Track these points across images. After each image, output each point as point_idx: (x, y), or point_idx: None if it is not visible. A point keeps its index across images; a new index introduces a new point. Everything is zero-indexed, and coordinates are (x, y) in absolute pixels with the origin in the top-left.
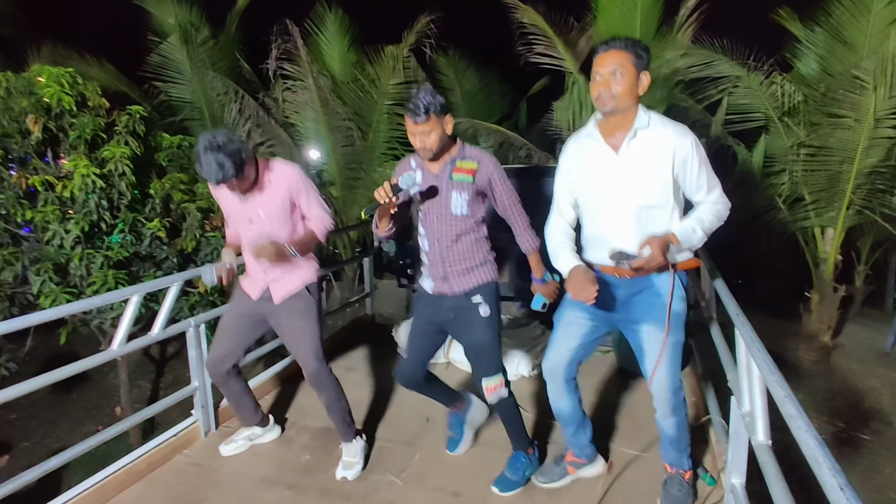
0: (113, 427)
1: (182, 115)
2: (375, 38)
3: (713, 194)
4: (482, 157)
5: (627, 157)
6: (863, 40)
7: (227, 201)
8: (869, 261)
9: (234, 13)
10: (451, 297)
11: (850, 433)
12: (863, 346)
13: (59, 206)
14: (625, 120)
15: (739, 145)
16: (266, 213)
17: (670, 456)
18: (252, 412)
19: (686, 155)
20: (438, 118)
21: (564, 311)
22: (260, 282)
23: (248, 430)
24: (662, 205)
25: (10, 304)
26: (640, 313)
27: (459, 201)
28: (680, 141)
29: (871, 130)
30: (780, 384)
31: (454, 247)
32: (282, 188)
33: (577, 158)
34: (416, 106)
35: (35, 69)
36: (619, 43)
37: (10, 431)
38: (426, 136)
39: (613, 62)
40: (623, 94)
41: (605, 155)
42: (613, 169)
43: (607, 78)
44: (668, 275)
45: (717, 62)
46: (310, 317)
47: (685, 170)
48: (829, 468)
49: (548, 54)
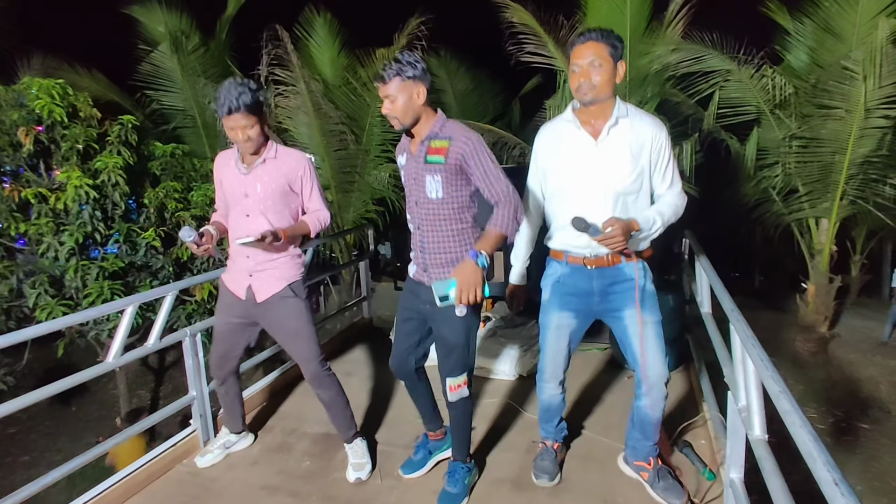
0: (112, 439)
1: (174, 124)
2: (366, 41)
3: (674, 189)
4: (455, 134)
5: (607, 145)
6: (851, 31)
7: (227, 173)
8: (864, 250)
9: (224, 20)
10: (428, 288)
11: (849, 422)
12: (860, 336)
13: (53, 219)
14: (603, 109)
15: (732, 139)
16: (263, 189)
17: (646, 448)
18: (239, 418)
19: (661, 146)
20: (405, 84)
21: (550, 315)
22: (242, 276)
23: (223, 439)
24: (637, 191)
25: (6, 317)
26: (619, 302)
27: (433, 184)
28: (657, 132)
29: (862, 121)
30: (775, 379)
31: (433, 235)
32: (286, 167)
33: (554, 144)
34: (383, 68)
35: (25, 81)
36: (594, 34)
37: (10, 445)
38: (391, 101)
39: (591, 53)
40: (602, 84)
41: (584, 141)
42: (592, 155)
43: (586, 69)
44: (636, 262)
45: (708, 56)
46: (302, 317)
47: (657, 160)
48: (824, 463)
49: (539, 53)
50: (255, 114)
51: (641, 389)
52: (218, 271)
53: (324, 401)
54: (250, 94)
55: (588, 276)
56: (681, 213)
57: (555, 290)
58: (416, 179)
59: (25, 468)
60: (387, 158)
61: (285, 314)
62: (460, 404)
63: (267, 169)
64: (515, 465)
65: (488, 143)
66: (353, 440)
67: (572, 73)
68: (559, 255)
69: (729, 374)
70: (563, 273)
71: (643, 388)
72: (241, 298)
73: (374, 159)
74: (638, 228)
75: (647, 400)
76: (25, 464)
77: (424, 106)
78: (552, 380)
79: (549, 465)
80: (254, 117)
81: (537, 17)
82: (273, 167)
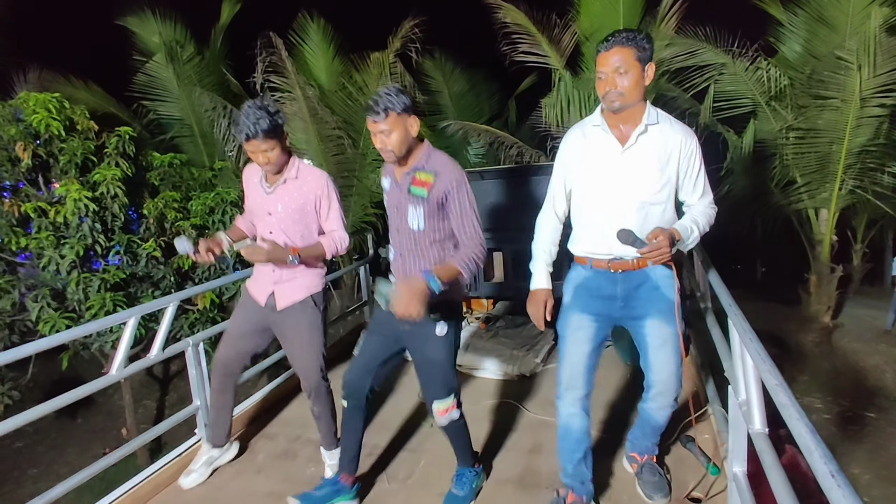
0: (118, 450)
1: (172, 133)
2: (360, 45)
3: (706, 199)
4: (442, 170)
5: (634, 151)
6: (844, 20)
7: (252, 190)
8: (865, 239)
9: (218, 29)
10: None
11: (855, 412)
12: (863, 325)
13: (54, 232)
14: (632, 114)
15: (729, 132)
16: (284, 209)
17: (644, 445)
18: (226, 430)
19: (691, 154)
20: (400, 118)
21: (568, 317)
22: (267, 285)
23: (206, 455)
24: (663, 201)
25: (9, 331)
26: (642, 308)
27: (415, 216)
28: (686, 140)
29: (858, 110)
30: (773, 373)
31: (416, 262)
32: (306, 188)
33: (580, 148)
34: (375, 103)
35: (22, 96)
36: (620, 38)
37: (18, 459)
38: (386, 136)
39: (616, 59)
40: (630, 91)
41: (611, 147)
42: (619, 161)
43: (612, 76)
44: (662, 268)
45: (702, 50)
46: (314, 328)
47: (687, 170)
48: (821, 455)
49: (533, 52)
50: (274, 137)
51: (649, 394)
52: (219, 281)
53: (315, 412)
54: (268, 118)
55: (612, 279)
56: (712, 223)
57: (577, 292)
58: (399, 208)
59: (33, 481)
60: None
61: (302, 323)
62: (451, 427)
63: (288, 189)
64: (519, 465)
65: (485, 143)
66: (332, 449)
67: (598, 80)
68: (582, 260)
69: (728, 369)
70: (586, 276)
71: (651, 392)
72: (261, 305)
73: (371, 163)
74: (679, 238)
75: (652, 403)
76: (33, 477)
77: (415, 137)
78: (568, 393)
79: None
80: (273, 140)
81: (530, 16)
82: (294, 187)
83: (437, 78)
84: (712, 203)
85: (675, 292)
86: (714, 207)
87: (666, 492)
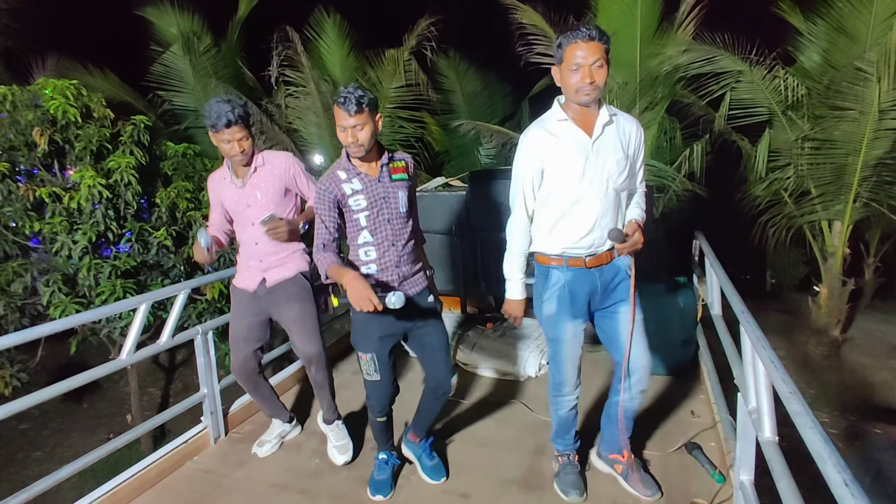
0: (123, 435)
1: (186, 124)
2: (376, 42)
3: (642, 186)
4: (406, 157)
5: (602, 142)
6: (865, 32)
7: (225, 192)
8: (878, 253)
9: (236, 22)
10: (413, 300)
11: (862, 427)
12: (873, 340)
13: (67, 217)
14: (595, 107)
15: (743, 140)
16: (263, 195)
17: (624, 440)
18: (283, 408)
19: (639, 144)
20: (370, 114)
21: (564, 326)
22: (256, 274)
23: (278, 429)
24: (626, 188)
25: (20, 314)
26: (616, 296)
27: (403, 199)
28: (638, 129)
29: (876, 122)
30: (786, 381)
31: (408, 246)
32: (277, 170)
33: (549, 145)
34: (348, 98)
35: (40, 82)
36: (597, 33)
37: (23, 441)
38: (358, 130)
39: (598, 53)
40: (602, 86)
41: (582, 139)
42: (590, 153)
43: (589, 69)
44: (625, 257)
45: (719, 57)
46: (307, 299)
47: (636, 157)
48: (834, 464)
49: (548, 54)
50: (247, 126)
51: (629, 382)
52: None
53: (317, 381)
54: (241, 107)
55: (590, 276)
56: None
57: (562, 299)
58: (387, 198)
59: (38, 463)
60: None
61: (293, 296)
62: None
63: (260, 176)
64: (524, 465)
65: (497, 144)
66: (334, 422)
67: (571, 70)
68: (558, 260)
69: (739, 376)
70: (567, 280)
71: (628, 382)
72: (252, 292)
73: None
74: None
75: (632, 391)
76: (38, 459)
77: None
78: (571, 392)
79: (576, 478)
80: (247, 129)
81: (547, 18)
82: (265, 173)
83: (451, 77)
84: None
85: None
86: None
87: (655, 486)
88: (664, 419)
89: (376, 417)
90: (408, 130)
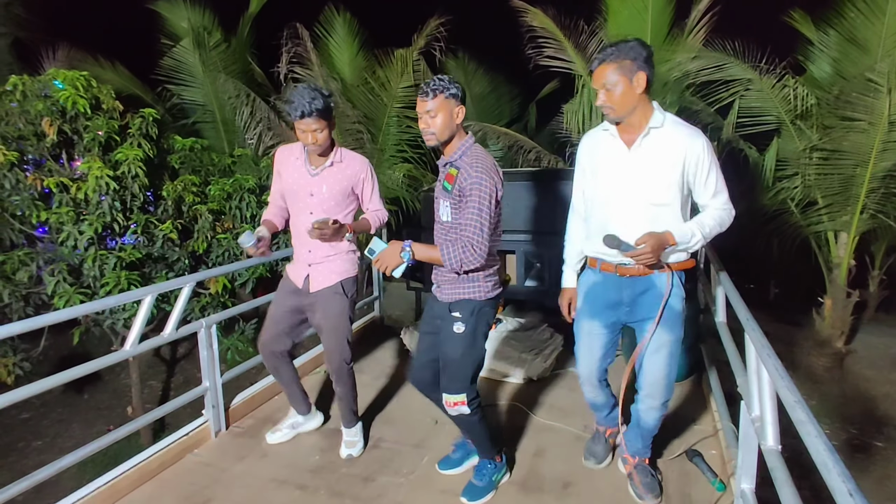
0: (124, 427)
1: (194, 118)
2: (385, 41)
3: (719, 199)
4: (467, 167)
5: (639, 154)
6: (877, 42)
7: (291, 169)
8: (883, 266)
9: (247, 17)
10: (440, 304)
11: (863, 440)
12: (877, 352)
13: (74, 208)
14: (639, 118)
15: (751, 148)
16: (329, 190)
17: (636, 447)
18: (301, 400)
19: (697, 156)
20: (447, 101)
21: (581, 322)
22: (303, 267)
23: (292, 419)
24: (670, 203)
25: (24, 304)
26: (644, 312)
27: (444, 208)
28: (692, 142)
29: (886, 134)
30: (790, 389)
31: None
32: (350, 171)
33: (591, 153)
34: (426, 84)
35: (51, 72)
36: (604, 55)
37: (23, 430)
38: (431, 117)
39: (602, 77)
40: (620, 103)
41: (619, 150)
42: (625, 165)
43: (601, 93)
44: (668, 274)
45: (729, 65)
46: (343, 315)
47: (695, 171)
48: (839, 474)
49: (557, 57)
50: (325, 118)
51: (640, 395)
52: (233, 266)
53: (337, 393)
54: (322, 99)
55: (618, 285)
56: (727, 225)
57: (587, 298)
58: (436, 199)
59: (38, 453)
60: (402, 158)
61: (331, 309)
62: (462, 419)
63: (333, 172)
64: (523, 467)
65: (504, 146)
66: (351, 427)
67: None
68: (593, 262)
69: (742, 384)
70: (594, 282)
71: (641, 394)
72: (298, 287)
73: (389, 159)
74: (674, 242)
75: (642, 405)
76: (38, 449)
77: (459, 126)
78: (587, 383)
79: (600, 449)
80: (324, 122)
81: (557, 21)
82: (339, 170)
83: (459, 78)
84: (727, 203)
85: (679, 300)
86: (729, 208)
87: (657, 493)
88: (665, 426)
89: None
90: (415, 130)
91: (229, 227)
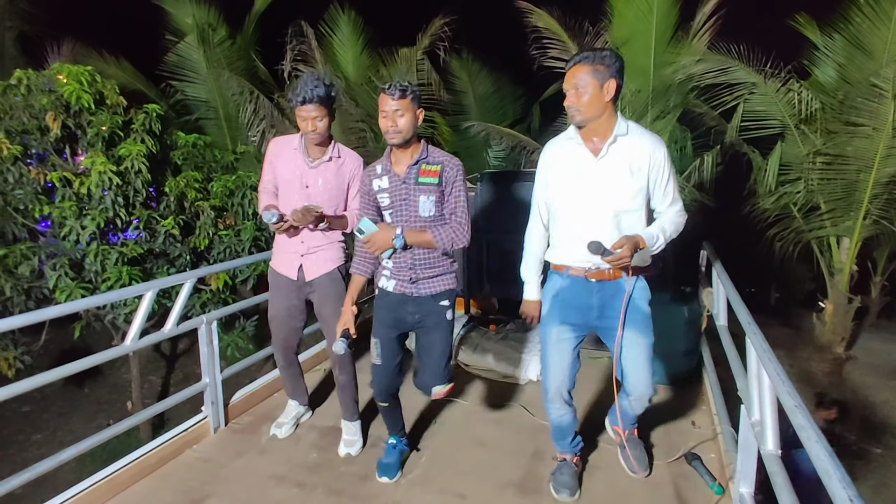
0: (124, 421)
1: (197, 115)
2: (389, 40)
3: (675, 206)
4: (445, 160)
5: (607, 162)
6: (882, 48)
7: (287, 159)
8: (885, 272)
9: (252, 15)
10: (416, 299)
11: (861, 446)
12: (877, 359)
13: (76, 203)
14: (603, 126)
15: (754, 152)
16: (325, 184)
17: (624, 423)
18: (304, 392)
19: (660, 164)
20: (412, 104)
21: (549, 328)
22: (294, 258)
23: (294, 411)
24: (637, 209)
25: (26, 297)
26: (615, 318)
27: (427, 203)
28: (656, 149)
29: (890, 139)
30: (791, 394)
31: (425, 251)
32: (347, 167)
33: (558, 161)
34: (393, 84)
35: (55, 67)
36: (580, 57)
37: (24, 423)
38: (399, 116)
39: (574, 78)
40: (586, 107)
41: (585, 158)
42: (593, 172)
43: (570, 93)
44: (635, 279)
45: (733, 68)
46: (341, 300)
47: (657, 178)
48: (840, 479)
49: (562, 58)
50: (326, 106)
51: (626, 391)
52: (235, 262)
53: (339, 383)
54: (324, 87)
55: (589, 289)
56: (680, 230)
57: (554, 303)
58: (407, 200)
59: (37, 446)
60: None
61: (331, 294)
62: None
63: (331, 166)
64: (522, 469)
65: (507, 146)
66: (353, 420)
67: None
68: (560, 268)
69: (743, 388)
70: (563, 286)
71: (629, 394)
72: (292, 279)
73: None
74: (644, 246)
75: (627, 401)
76: (37, 442)
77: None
78: (556, 399)
79: (569, 479)
80: (324, 110)
81: (562, 22)
82: (336, 165)
83: (463, 78)
84: (681, 211)
85: (647, 303)
86: (683, 215)
87: (646, 465)
88: (664, 429)
89: (378, 401)
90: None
91: (231, 223)
